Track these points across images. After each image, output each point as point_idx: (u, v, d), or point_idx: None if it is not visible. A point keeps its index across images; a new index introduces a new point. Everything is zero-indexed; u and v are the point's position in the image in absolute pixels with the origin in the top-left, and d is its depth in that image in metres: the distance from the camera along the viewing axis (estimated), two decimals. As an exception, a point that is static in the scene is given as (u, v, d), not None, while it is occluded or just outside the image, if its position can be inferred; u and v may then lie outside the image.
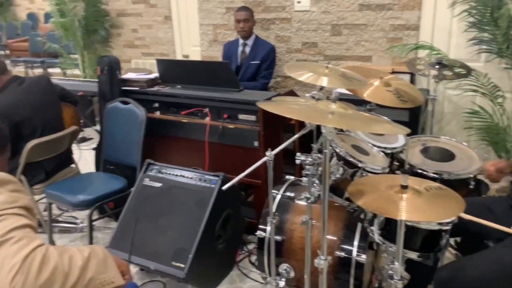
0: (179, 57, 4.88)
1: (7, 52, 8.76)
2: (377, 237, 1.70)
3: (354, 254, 1.84)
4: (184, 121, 2.85)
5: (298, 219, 1.98)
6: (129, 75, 3.10)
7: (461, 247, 2.11)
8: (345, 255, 1.86)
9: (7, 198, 1.01)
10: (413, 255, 1.64)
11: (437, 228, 1.61)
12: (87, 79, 5.08)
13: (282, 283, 1.96)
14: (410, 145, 2.08)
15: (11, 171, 1.14)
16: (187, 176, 2.37)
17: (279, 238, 1.98)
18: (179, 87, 2.97)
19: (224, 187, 1.78)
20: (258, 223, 2.07)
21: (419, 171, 1.89)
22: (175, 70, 3.01)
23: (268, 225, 1.96)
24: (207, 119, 2.74)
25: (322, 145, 1.45)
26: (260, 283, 2.35)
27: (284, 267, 2.00)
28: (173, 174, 2.41)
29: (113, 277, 1.06)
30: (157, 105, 2.95)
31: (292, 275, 2.00)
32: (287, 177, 2.24)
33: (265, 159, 1.69)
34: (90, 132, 4.77)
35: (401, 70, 3.18)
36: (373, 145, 2.03)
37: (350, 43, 3.60)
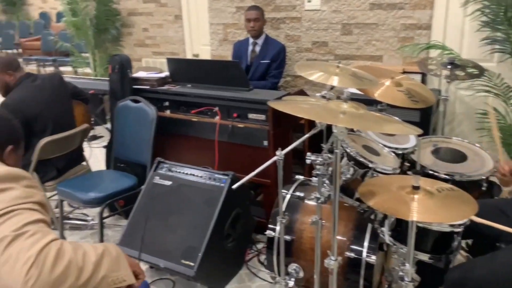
0: (189, 56, 4.90)
1: (19, 50, 8.88)
2: (387, 238, 1.69)
3: (364, 255, 1.84)
4: (194, 120, 2.86)
5: (307, 219, 1.97)
6: (139, 74, 3.12)
7: (472, 250, 2.08)
8: (355, 256, 1.85)
9: (22, 193, 1.01)
10: (424, 257, 1.62)
11: (449, 230, 1.59)
12: (98, 78, 5.13)
13: (291, 283, 1.96)
14: (421, 145, 2.06)
15: (23, 168, 1.15)
16: (196, 174, 2.38)
17: (288, 237, 1.97)
18: (189, 86, 2.98)
19: (233, 186, 1.79)
20: (267, 223, 2.07)
21: (430, 172, 1.87)
22: (185, 69, 3.03)
23: (278, 224, 1.96)
24: (217, 118, 2.75)
25: (332, 145, 1.44)
26: (269, 282, 2.35)
27: (293, 267, 2.00)
28: (183, 173, 2.42)
29: (125, 275, 1.06)
30: (167, 103, 2.96)
31: (301, 275, 1.99)
32: (297, 177, 2.23)
33: (275, 158, 1.69)
34: (100, 130, 4.81)
35: (412, 70, 3.15)
36: (384, 145, 2.02)
37: (361, 42, 3.58)
